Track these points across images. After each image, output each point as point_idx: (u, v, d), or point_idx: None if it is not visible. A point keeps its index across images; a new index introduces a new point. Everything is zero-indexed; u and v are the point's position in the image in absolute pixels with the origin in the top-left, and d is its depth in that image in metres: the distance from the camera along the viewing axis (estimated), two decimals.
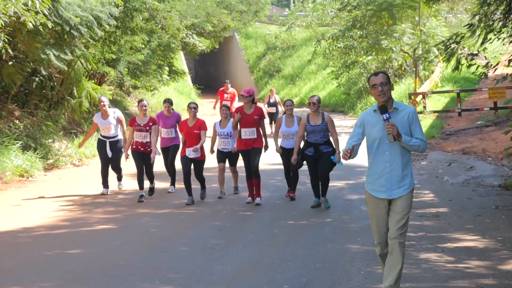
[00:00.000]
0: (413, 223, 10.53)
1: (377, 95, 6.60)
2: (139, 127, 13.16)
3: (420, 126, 6.73)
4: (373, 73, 6.76)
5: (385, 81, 6.59)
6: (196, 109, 12.79)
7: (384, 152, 6.65)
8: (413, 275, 7.83)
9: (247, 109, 12.62)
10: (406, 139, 6.52)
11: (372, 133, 6.71)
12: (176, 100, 34.75)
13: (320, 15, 43.79)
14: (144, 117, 13.27)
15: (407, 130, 6.62)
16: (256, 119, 12.58)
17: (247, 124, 12.56)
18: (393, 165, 6.64)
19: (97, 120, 13.90)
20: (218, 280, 7.72)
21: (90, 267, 8.15)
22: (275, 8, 58.85)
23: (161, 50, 26.58)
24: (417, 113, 6.71)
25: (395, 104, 6.73)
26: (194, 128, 12.70)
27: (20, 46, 17.13)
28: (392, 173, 6.64)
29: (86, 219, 11.32)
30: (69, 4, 16.63)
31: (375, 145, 6.70)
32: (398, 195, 6.67)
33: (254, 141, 12.57)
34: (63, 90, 20.22)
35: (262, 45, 50.76)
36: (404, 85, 29.39)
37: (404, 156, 6.66)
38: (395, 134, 6.44)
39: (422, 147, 6.65)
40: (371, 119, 6.75)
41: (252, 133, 12.52)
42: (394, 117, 6.60)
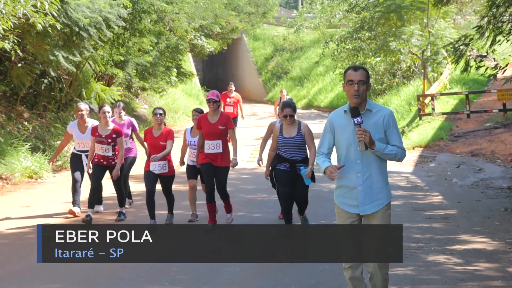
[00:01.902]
0: (422, 225, 10.52)
1: (351, 94, 5.76)
2: (100, 138, 11.14)
3: (398, 131, 5.95)
4: (352, 66, 5.90)
5: (364, 80, 5.77)
6: (163, 115, 10.90)
7: (355, 160, 5.82)
8: (422, 277, 7.82)
9: (212, 117, 10.58)
10: (380, 146, 5.73)
11: (342, 138, 5.89)
12: (184, 102, 34.77)
13: (328, 17, 43.75)
14: (107, 126, 11.21)
15: (381, 135, 5.82)
16: (221, 130, 10.52)
17: (211, 136, 10.49)
18: (365, 175, 5.81)
19: (72, 131, 11.97)
20: (226, 282, 7.72)
21: (98, 269, 8.16)
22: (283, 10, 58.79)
23: (169, 51, 26.60)
24: (394, 115, 5.96)
25: (369, 104, 5.89)
26: (160, 138, 10.81)
27: (29, 48, 17.18)
28: (364, 185, 5.81)
29: (95, 220, 11.33)
30: (78, 5, 16.67)
31: (345, 152, 5.88)
32: (372, 210, 5.83)
33: (220, 157, 10.53)
34: (71, 91, 20.28)
35: (270, 46, 50.75)
36: (413, 86, 29.32)
37: (379, 166, 5.87)
38: (367, 141, 5.65)
39: (399, 155, 5.86)
40: (341, 122, 5.91)
41: (217, 147, 10.48)
42: (367, 120, 5.79)
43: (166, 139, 10.80)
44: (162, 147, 10.76)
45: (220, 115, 10.63)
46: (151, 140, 10.89)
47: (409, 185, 14.35)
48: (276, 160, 10.12)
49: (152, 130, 10.94)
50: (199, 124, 10.61)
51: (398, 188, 13.86)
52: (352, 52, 31.62)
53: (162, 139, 10.79)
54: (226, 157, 10.60)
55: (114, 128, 11.24)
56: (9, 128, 17.31)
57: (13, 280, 7.81)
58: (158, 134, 10.85)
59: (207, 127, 10.52)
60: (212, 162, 10.52)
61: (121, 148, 11.23)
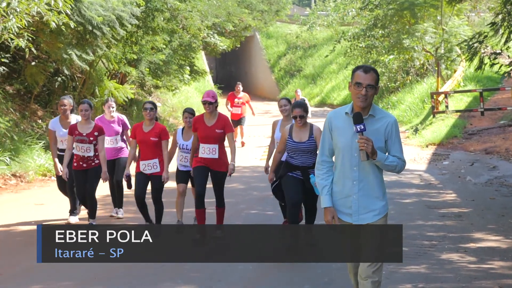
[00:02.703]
0: (436, 223, 10.49)
1: (357, 97, 5.37)
2: (80, 136, 10.20)
3: (400, 141, 5.55)
4: (362, 66, 5.46)
5: (373, 84, 5.36)
6: (154, 110, 9.99)
7: (351, 167, 5.44)
8: (436, 275, 7.79)
9: (208, 120, 9.68)
10: (382, 157, 5.36)
11: (340, 141, 5.49)
12: (197, 100, 34.79)
13: (341, 14, 43.65)
14: (87, 124, 10.31)
15: (381, 144, 5.43)
16: (218, 134, 9.61)
17: (207, 139, 9.62)
18: (362, 183, 5.45)
19: (55, 128, 11.02)
20: (239, 280, 7.72)
21: (111, 266, 8.17)
22: (296, 8, 58.74)
23: (182, 50, 26.62)
24: (397, 124, 5.56)
25: (373, 110, 5.47)
26: (151, 134, 9.88)
27: (43, 46, 17.24)
28: (360, 193, 5.45)
29: (108, 218, 11.36)
30: (91, 3, 16.72)
31: (341, 157, 5.49)
32: (366, 221, 5.49)
33: (216, 163, 9.67)
34: (85, 90, 20.34)
35: (283, 44, 50.69)
36: (426, 84, 29.22)
37: (377, 174, 5.49)
38: (369, 151, 5.28)
39: (399, 167, 5.47)
40: (340, 124, 5.52)
41: (213, 152, 9.62)
42: (369, 126, 5.38)
43: (157, 136, 9.88)
44: (152, 143, 9.84)
45: (218, 117, 9.70)
46: (141, 136, 9.92)
47: (422, 183, 14.30)
48: (286, 169, 8.95)
49: (142, 125, 10.01)
50: (195, 126, 9.76)
51: (411, 186, 13.81)
52: (365, 49, 31.53)
53: (152, 135, 9.86)
54: (222, 163, 9.71)
55: (96, 125, 10.37)
56: (23, 126, 17.39)
57: (28, 277, 7.84)
58: (148, 130, 9.91)
59: (203, 130, 9.64)
60: (208, 166, 9.67)
61: (102, 148, 10.28)
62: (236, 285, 7.56)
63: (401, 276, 7.73)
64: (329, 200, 5.54)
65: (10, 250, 9.16)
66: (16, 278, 7.81)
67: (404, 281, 7.55)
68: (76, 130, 10.27)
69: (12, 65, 18.58)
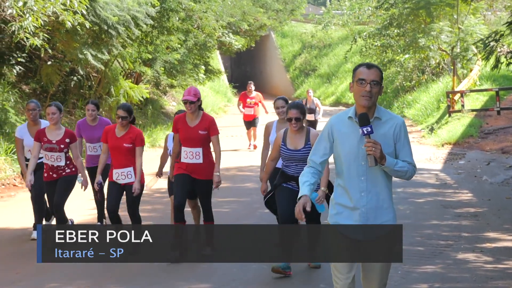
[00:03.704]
0: (451, 223, 10.44)
1: (361, 95, 4.89)
2: (49, 144, 9.08)
3: (409, 144, 5.10)
4: (365, 63, 5.03)
5: (378, 80, 4.89)
6: (127, 118, 8.82)
7: (359, 176, 4.95)
8: (452, 275, 7.76)
9: (191, 120, 8.70)
10: (391, 162, 4.89)
11: (344, 149, 4.98)
12: (212, 99, 34.81)
13: (356, 13, 43.56)
14: (57, 129, 9.15)
15: (391, 149, 4.96)
16: (202, 136, 8.63)
17: (189, 142, 8.65)
18: (370, 194, 4.95)
19: (23, 136, 9.75)
20: (253, 279, 7.72)
21: (127, 266, 8.20)
22: (311, 7, 58.66)
23: (197, 49, 26.67)
24: (406, 126, 5.09)
25: (379, 111, 5.00)
26: (125, 140, 8.78)
27: (59, 46, 17.33)
28: (368, 205, 4.95)
29: (123, 217, 11.37)
30: (107, 3, 16.78)
31: (346, 167, 4.98)
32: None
33: (200, 170, 8.63)
34: (100, 89, 20.42)
35: (298, 43, 50.66)
36: (442, 83, 29.10)
37: (386, 183, 5.03)
38: (377, 156, 4.80)
39: (410, 173, 5.02)
40: (343, 129, 5.00)
41: (197, 156, 8.61)
42: (376, 131, 4.91)
43: (132, 141, 8.77)
44: (126, 150, 8.74)
45: (202, 117, 8.70)
46: (113, 141, 8.80)
47: (438, 182, 14.24)
48: (281, 179, 8.01)
49: (115, 129, 8.88)
50: (176, 127, 8.79)
51: (427, 186, 13.76)
52: (380, 48, 31.44)
53: (127, 141, 8.75)
54: (208, 170, 8.69)
55: (67, 131, 9.24)
56: None
57: (44, 276, 7.88)
58: (122, 135, 8.81)
59: (184, 131, 8.66)
60: (190, 174, 8.65)
61: (77, 155, 9.23)
62: (251, 284, 7.56)
63: (417, 276, 7.70)
64: (307, 190, 5.01)
65: (26, 249, 9.19)
66: (33, 277, 7.85)
67: (420, 281, 7.53)
68: (45, 136, 9.10)
69: (28, 65, 18.70)
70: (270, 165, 8.20)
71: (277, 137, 8.04)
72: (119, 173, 8.78)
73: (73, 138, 9.24)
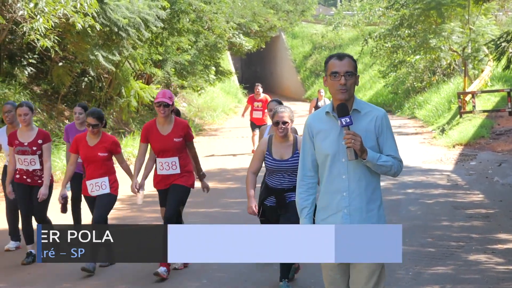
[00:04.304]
0: (463, 224, 10.40)
1: (336, 89, 4.54)
2: (21, 147, 8.41)
3: (393, 137, 4.72)
4: (336, 54, 4.67)
5: (351, 71, 4.57)
6: (98, 126, 8.00)
7: (339, 175, 4.57)
8: (463, 276, 7.73)
9: (162, 127, 7.93)
10: (373, 156, 4.49)
11: (323, 146, 4.61)
12: (222, 100, 34.86)
13: (367, 14, 43.52)
14: (29, 130, 8.48)
15: (373, 143, 4.58)
16: (177, 144, 7.90)
17: (163, 153, 7.90)
18: (353, 194, 4.57)
19: (1, 141, 9.20)
20: (265, 280, 7.72)
21: (138, 266, 8.22)
22: (321, 8, 58.62)
23: (207, 50, 26.71)
24: (388, 118, 4.72)
25: (357, 104, 4.65)
26: (99, 149, 8.03)
27: (70, 47, 17.39)
28: (351, 207, 4.57)
29: (135, 217, 11.42)
30: (117, 5, 16.83)
31: (327, 165, 4.61)
32: None
33: (175, 177, 7.95)
34: (111, 90, 20.48)
35: (308, 44, 50.64)
36: (453, 84, 29.03)
37: (370, 181, 4.61)
38: (357, 148, 4.41)
39: (395, 168, 4.64)
40: (321, 126, 4.65)
41: (173, 166, 7.89)
42: (356, 124, 4.54)
43: (107, 150, 8.05)
44: (101, 160, 7.99)
45: (175, 123, 7.94)
46: (86, 151, 8.04)
47: (449, 183, 14.19)
48: (265, 192, 7.20)
49: (86, 138, 8.10)
50: (145, 137, 7.97)
51: (438, 187, 13.72)
52: (391, 49, 31.40)
53: (101, 150, 7.98)
54: (187, 177, 8.01)
55: (41, 131, 8.56)
56: (50, 126, 17.53)
57: (57, 277, 7.91)
58: (94, 143, 8.05)
59: (157, 141, 7.88)
60: (166, 187, 7.99)
61: (48, 158, 8.47)
62: (262, 285, 7.55)
63: (428, 277, 7.68)
64: (308, 219, 4.71)
65: None
66: (46, 277, 7.88)
67: (431, 282, 7.51)
68: (16, 139, 8.43)
69: (40, 66, 18.78)
70: (252, 178, 7.10)
71: (261, 144, 7.11)
72: (93, 184, 8.06)
73: (47, 138, 8.53)
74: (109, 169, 8.16)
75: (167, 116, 7.86)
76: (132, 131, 20.93)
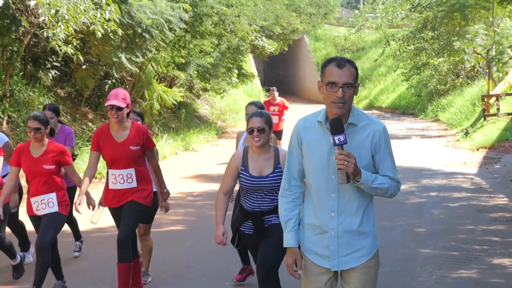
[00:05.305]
0: (487, 227, 10.32)
1: (332, 101, 3.98)
2: None
3: (392, 155, 4.18)
4: (335, 59, 4.05)
5: (351, 82, 3.98)
6: (42, 130, 6.85)
7: (327, 193, 4.08)
8: (487, 281, 7.67)
9: (117, 132, 6.76)
10: (368, 178, 3.99)
11: (312, 159, 4.11)
12: (245, 103, 34.77)
13: (390, 17, 43.39)
14: None
15: (367, 161, 4.07)
16: (134, 153, 6.73)
17: (117, 163, 6.72)
18: (343, 215, 4.08)
19: None
20: (287, 283, 7.69)
21: (161, 269, 8.25)
22: (344, 10, 58.54)
23: (230, 53, 26.76)
24: (387, 133, 4.19)
25: (354, 116, 4.09)
26: (45, 161, 6.89)
27: (93, 50, 17.50)
28: (340, 228, 4.09)
29: (157, 220, 11.38)
30: (141, 6, 16.91)
31: (314, 181, 4.13)
32: (349, 265, 4.15)
33: (131, 192, 6.73)
34: (134, 93, 20.58)
35: (331, 47, 50.58)
36: (477, 87, 28.86)
37: (362, 202, 4.12)
38: (350, 171, 3.89)
39: (392, 190, 4.13)
40: (311, 136, 4.13)
41: (128, 179, 6.69)
42: (350, 139, 4.02)
43: (55, 162, 6.90)
44: (47, 173, 6.91)
45: (132, 128, 6.78)
46: (28, 163, 6.89)
47: (473, 186, 14.09)
48: (241, 217, 5.95)
49: (29, 148, 6.94)
50: (97, 144, 6.79)
51: (461, 190, 13.63)
52: (414, 52, 31.27)
53: (47, 162, 6.88)
54: (146, 194, 6.80)
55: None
56: (74, 128, 17.65)
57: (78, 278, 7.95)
58: (39, 154, 6.90)
59: (110, 148, 6.72)
60: (121, 202, 6.77)
61: None
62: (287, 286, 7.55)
63: (451, 281, 7.63)
64: (294, 239, 4.22)
65: None
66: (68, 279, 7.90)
67: (454, 286, 7.46)
68: None
69: (64, 69, 18.91)
70: (223, 200, 5.77)
71: (234, 158, 5.84)
72: (38, 201, 6.91)
73: None
74: (58, 184, 7.01)
75: (121, 120, 6.68)
76: (155, 133, 21.01)
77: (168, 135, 21.01)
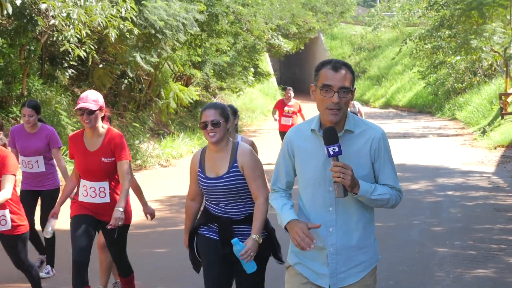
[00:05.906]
0: (504, 226, 10.26)
1: (326, 107, 3.72)
2: None
3: (392, 162, 3.91)
4: (330, 62, 3.83)
5: (348, 86, 3.74)
6: None
7: (325, 207, 3.81)
8: (505, 280, 7.62)
9: (90, 140, 6.00)
10: (367, 189, 3.72)
11: (306, 171, 3.86)
12: (261, 101, 34.85)
13: (407, 15, 43.23)
14: None
15: (366, 171, 3.80)
16: (107, 165, 5.96)
17: (89, 174, 5.97)
18: (341, 230, 3.81)
19: None
20: None
21: (178, 267, 8.25)
22: (360, 8, 58.36)
23: (246, 51, 26.77)
24: (387, 139, 3.92)
25: (350, 122, 3.83)
26: None
27: (110, 50, 17.56)
28: (338, 244, 3.81)
29: (174, 218, 11.46)
30: (155, 7, 16.95)
31: (310, 193, 3.86)
32: (348, 282, 3.85)
33: (107, 209, 5.97)
34: (150, 92, 20.63)
35: (347, 45, 50.49)
36: (494, 85, 28.70)
37: (363, 215, 3.85)
38: (347, 184, 3.62)
39: (393, 201, 3.84)
40: (305, 145, 3.87)
41: (101, 193, 5.96)
42: (347, 147, 3.75)
43: None
44: None
45: (106, 136, 5.99)
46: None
47: (490, 185, 14.01)
48: (203, 218, 5.19)
49: None
50: (71, 151, 6.11)
51: (479, 189, 13.56)
52: (431, 50, 31.15)
53: None
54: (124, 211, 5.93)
55: None
56: None
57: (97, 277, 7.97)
58: None
59: (82, 158, 5.98)
60: (95, 216, 6.01)
61: None
62: None
63: (469, 280, 7.59)
64: (291, 213, 3.84)
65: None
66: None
67: (472, 285, 7.42)
68: None
69: (80, 68, 18.99)
70: (189, 207, 5.28)
71: (192, 160, 5.19)
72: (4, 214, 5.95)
73: None
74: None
75: (94, 126, 5.88)
76: (172, 132, 21.05)
77: (185, 134, 21.04)
